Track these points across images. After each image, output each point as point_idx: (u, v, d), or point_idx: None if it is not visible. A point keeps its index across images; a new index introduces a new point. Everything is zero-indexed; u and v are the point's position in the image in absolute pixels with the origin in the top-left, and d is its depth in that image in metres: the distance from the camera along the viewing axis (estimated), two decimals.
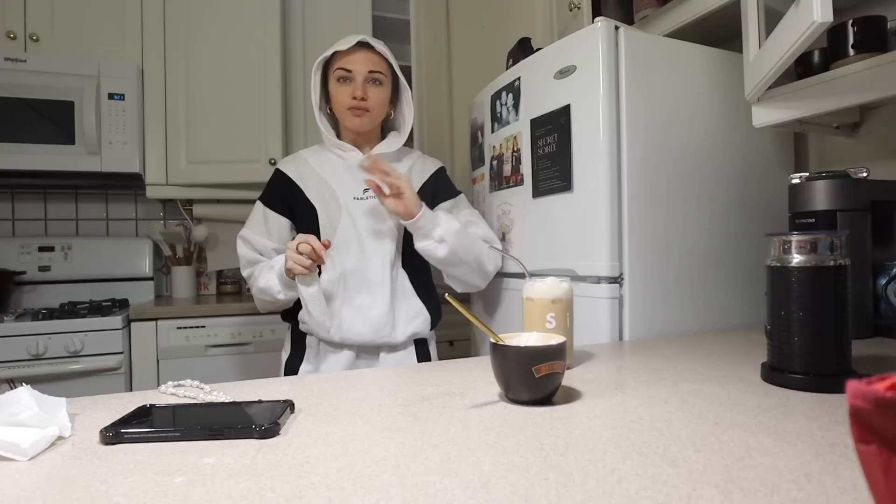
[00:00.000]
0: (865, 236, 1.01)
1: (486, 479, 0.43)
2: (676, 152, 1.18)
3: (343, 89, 1.20)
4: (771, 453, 0.47)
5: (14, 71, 1.83)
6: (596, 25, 1.13)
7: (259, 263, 1.23)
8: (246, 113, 2.10)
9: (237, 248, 1.27)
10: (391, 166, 1.14)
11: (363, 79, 1.19)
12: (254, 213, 1.27)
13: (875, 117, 1.22)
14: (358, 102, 1.19)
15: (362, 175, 1.24)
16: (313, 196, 1.22)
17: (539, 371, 0.62)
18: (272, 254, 1.23)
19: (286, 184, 1.25)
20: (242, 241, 1.26)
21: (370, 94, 1.20)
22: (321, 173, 1.25)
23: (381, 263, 1.20)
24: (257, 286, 1.19)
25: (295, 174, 1.25)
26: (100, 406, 0.66)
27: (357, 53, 1.20)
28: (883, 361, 0.83)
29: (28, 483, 0.44)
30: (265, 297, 1.19)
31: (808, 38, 0.83)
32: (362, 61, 1.19)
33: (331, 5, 2.26)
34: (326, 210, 1.21)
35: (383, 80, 1.22)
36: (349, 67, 1.19)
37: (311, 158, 1.28)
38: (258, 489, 0.42)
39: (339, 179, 1.24)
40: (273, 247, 1.24)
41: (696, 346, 0.97)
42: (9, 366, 1.60)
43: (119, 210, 2.30)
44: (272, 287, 1.15)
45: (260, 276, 1.19)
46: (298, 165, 1.27)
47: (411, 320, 1.22)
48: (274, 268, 1.15)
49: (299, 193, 1.23)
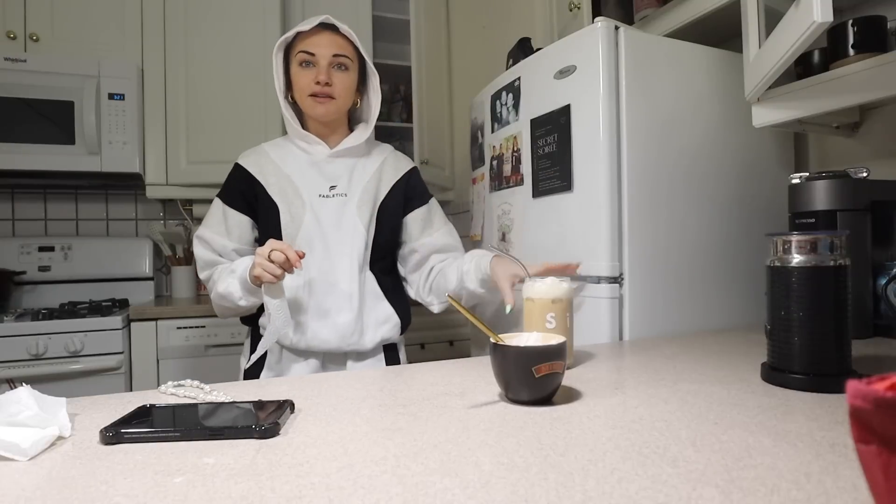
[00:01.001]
0: (865, 236, 1.01)
1: (486, 479, 0.43)
2: (676, 152, 1.18)
3: (305, 73, 1.11)
4: (771, 453, 0.47)
5: (14, 71, 1.83)
6: (596, 25, 1.13)
7: (217, 266, 1.14)
8: (246, 113, 2.10)
9: (194, 248, 1.17)
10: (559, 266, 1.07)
11: (327, 63, 1.10)
12: (212, 211, 1.17)
13: (875, 117, 1.22)
14: (321, 88, 1.10)
15: (328, 170, 1.17)
16: (275, 192, 1.14)
17: (539, 371, 0.62)
18: (232, 255, 1.14)
19: (246, 179, 1.16)
20: (199, 242, 1.15)
21: (335, 80, 1.11)
22: (284, 168, 1.16)
23: (348, 266, 1.12)
24: (216, 291, 1.09)
25: (255, 169, 1.16)
26: (100, 406, 0.66)
27: (320, 35, 1.11)
28: (883, 361, 0.83)
29: (28, 483, 0.44)
30: (224, 303, 1.10)
31: (808, 38, 0.83)
32: (326, 44, 1.10)
33: (331, 5, 2.25)
34: (289, 208, 1.12)
35: (349, 64, 1.13)
36: (312, 50, 1.10)
37: (272, 152, 1.19)
38: (258, 489, 0.42)
39: (302, 175, 1.15)
40: (233, 247, 1.14)
41: (696, 346, 0.97)
42: (9, 366, 1.60)
43: (119, 210, 2.30)
44: (233, 293, 1.05)
45: (219, 279, 1.09)
46: (259, 159, 1.18)
47: (380, 326, 1.15)
48: (235, 272, 1.06)
49: (260, 189, 1.14)
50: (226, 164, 2.05)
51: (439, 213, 1.28)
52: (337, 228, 1.14)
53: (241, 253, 1.15)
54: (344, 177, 1.17)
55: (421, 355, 2.05)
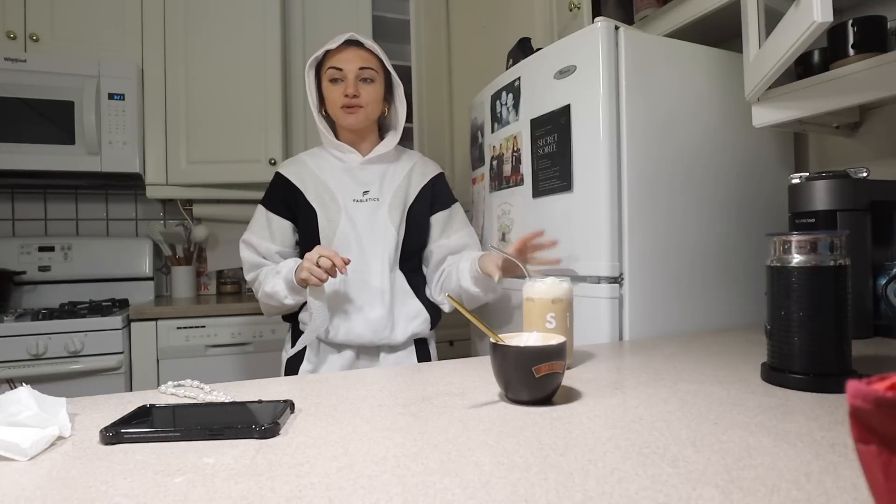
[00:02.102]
0: (865, 236, 1.01)
1: (486, 479, 0.43)
2: (676, 152, 1.18)
3: (335, 88, 1.20)
4: (771, 453, 0.47)
5: (14, 71, 1.83)
6: (596, 25, 1.13)
7: (262, 268, 1.22)
8: (246, 113, 2.10)
9: (241, 252, 1.26)
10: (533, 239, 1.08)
11: (354, 76, 1.19)
12: (256, 218, 1.27)
13: (875, 117, 1.22)
14: (350, 100, 1.19)
15: (361, 176, 1.24)
16: (312, 198, 1.23)
17: (539, 371, 0.62)
18: (276, 257, 1.24)
19: (286, 187, 1.25)
20: (246, 246, 1.25)
21: (362, 92, 1.20)
22: (320, 175, 1.25)
23: (380, 265, 1.20)
24: (263, 291, 1.19)
25: (295, 177, 1.25)
26: (100, 406, 0.66)
27: (346, 51, 1.20)
28: (883, 361, 0.83)
29: (28, 483, 0.44)
30: (271, 302, 1.20)
31: (808, 38, 0.84)
32: (352, 59, 1.20)
33: (331, 5, 2.26)
34: (325, 212, 1.21)
35: (375, 76, 1.22)
36: (339, 66, 1.19)
37: (310, 161, 1.28)
38: (258, 489, 0.42)
39: (337, 181, 1.24)
40: (277, 250, 1.24)
41: (695, 346, 0.97)
42: (9, 366, 1.60)
43: (119, 210, 2.30)
44: (279, 292, 1.15)
45: (265, 280, 1.19)
46: (298, 168, 1.27)
47: (411, 321, 1.22)
48: (280, 272, 1.16)
49: (299, 196, 1.23)
50: (226, 164, 2.09)
51: (460, 216, 1.33)
52: (370, 230, 1.21)
53: (283, 255, 1.24)
54: (376, 182, 1.25)
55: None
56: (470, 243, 1.30)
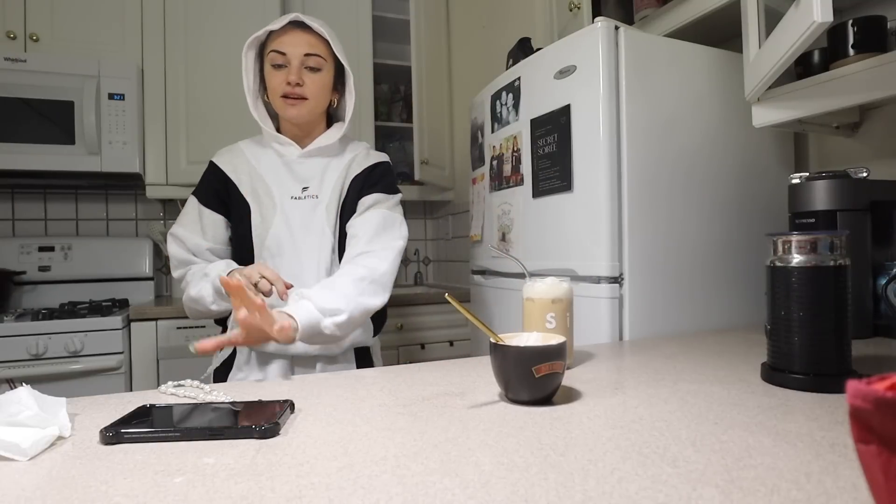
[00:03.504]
0: (865, 236, 1.01)
1: (486, 479, 0.43)
2: (676, 152, 1.18)
3: (277, 74, 1.08)
4: (771, 453, 0.47)
5: (14, 71, 1.83)
6: (596, 25, 1.13)
7: (191, 266, 1.11)
8: (246, 113, 2.07)
9: (168, 246, 1.14)
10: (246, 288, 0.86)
11: (299, 62, 1.07)
12: (187, 210, 1.15)
13: (875, 117, 1.22)
14: (292, 89, 1.07)
15: (301, 172, 1.14)
16: (247, 192, 1.12)
17: (539, 371, 0.62)
18: (206, 254, 1.12)
19: (219, 178, 1.15)
20: (174, 240, 1.13)
21: (307, 80, 1.08)
22: (258, 168, 1.14)
23: (315, 268, 1.10)
24: (189, 294, 1.07)
25: (229, 167, 1.15)
26: (100, 406, 0.66)
27: (291, 34, 1.08)
28: (883, 361, 0.83)
29: (28, 483, 0.44)
30: (196, 306, 1.08)
31: (808, 38, 0.84)
32: (297, 43, 1.07)
33: (331, 5, 2.26)
34: (260, 209, 1.11)
35: (322, 64, 1.10)
36: (282, 50, 1.07)
37: (247, 150, 1.17)
38: (258, 489, 0.42)
39: (275, 176, 1.14)
40: (207, 246, 1.12)
41: (696, 346, 0.97)
42: (9, 366, 1.60)
43: (119, 210, 2.30)
44: (205, 297, 1.04)
45: (192, 283, 1.08)
46: (234, 158, 1.16)
47: None
48: (208, 275, 1.05)
49: (233, 188, 1.13)
50: None
51: (385, 209, 1.14)
52: (306, 232, 1.11)
53: (215, 252, 1.14)
54: (316, 177, 1.15)
55: (421, 355, 2.05)
56: (360, 234, 1.10)
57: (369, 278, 1.04)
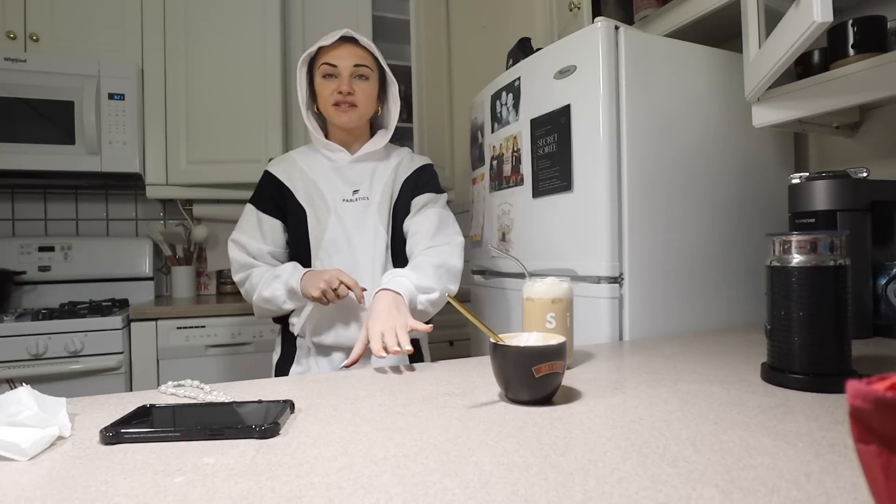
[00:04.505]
0: (865, 236, 1.01)
1: (486, 479, 0.43)
2: (676, 152, 1.18)
3: (328, 85, 1.17)
4: (771, 453, 0.47)
5: (14, 71, 1.83)
6: (596, 25, 1.13)
7: (254, 268, 1.20)
8: (246, 113, 2.10)
9: (230, 251, 1.23)
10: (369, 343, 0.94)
11: (349, 73, 1.16)
12: (246, 217, 1.24)
13: (875, 117, 1.22)
14: (343, 97, 1.15)
15: (351, 176, 1.22)
16: (302, 197, 1.20)
17: (539, 371, 0.62)
18: (266, 257, 1.21)
19: (275, 186, 1.23)
20: (235, 245, 1.22)
21: (356, 89, 1.17)
22: (310, 174, 1.22)
23: (370, 266, 1.18)
24: (261, 295, 1.16)
25: (284, 175, 1.23)
26: (100, 406, 0.66)
27: (341, 48, 1.17)
28: (883, 361, 0.83)
29: (28, 483, 0.44)
30: (268, 306, 1.17)
31: (808, 38, 0.84)
32: (347, 56, 1.16)
33: (331, 5, 2.26)
34: (315, 212, 1.19)
35: (369, 74, 1.19)
36: (334, 62, 1.16)
37: (299, 159, 1.26)
38: (258, 489, 0.42)
39: (327, 181, 1.22)
40: (268, 250, 1.21)
41: (696, 346, 0.97)
42: (9, 366, 1.60)
43: (119, 210, 2.30)
44: (278, 297, 1.14)
45: (262, 284, 1.16)
46: (287, 167, 1.25)
47: None
48: (280, 277, 1.14)
49: (289, 195, 1.21)
50: (226, 164, 2.09)
51: (439, 207, 1.24)
52: (360, 232, 1.19)
53: (274, 255, 1.22)
54: (365, 181, 1.22)
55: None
56: (421, 231, 1.19)
57: (445, 266, 1.15)
